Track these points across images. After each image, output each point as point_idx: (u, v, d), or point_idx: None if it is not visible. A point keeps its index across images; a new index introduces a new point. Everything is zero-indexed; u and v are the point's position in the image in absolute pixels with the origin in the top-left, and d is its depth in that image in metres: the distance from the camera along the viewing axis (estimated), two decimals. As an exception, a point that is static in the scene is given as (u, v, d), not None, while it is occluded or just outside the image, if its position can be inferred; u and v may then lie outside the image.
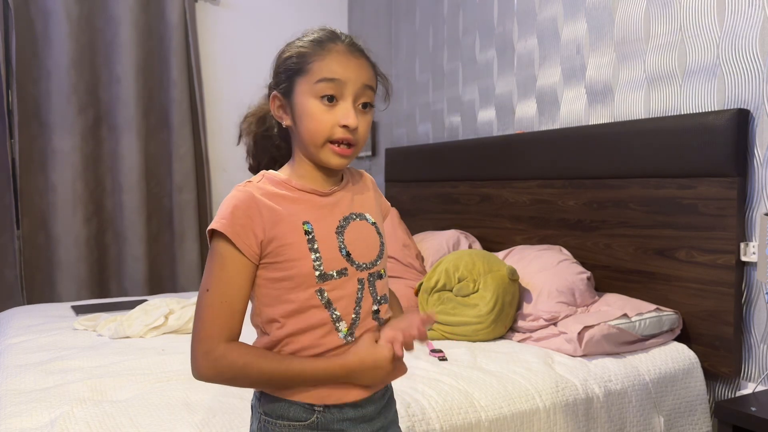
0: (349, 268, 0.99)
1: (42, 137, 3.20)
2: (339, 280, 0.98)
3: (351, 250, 0.99)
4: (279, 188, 0.98)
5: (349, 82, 0.96)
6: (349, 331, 0.98)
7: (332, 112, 0.96)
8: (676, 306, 2.00)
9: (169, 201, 3.55)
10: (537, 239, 2.51)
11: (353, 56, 0.98)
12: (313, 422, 0.97)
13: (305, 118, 0.96)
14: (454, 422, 1.50)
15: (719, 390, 1.97)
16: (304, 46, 0.98)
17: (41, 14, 3.16)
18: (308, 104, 0.96)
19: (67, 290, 3.22)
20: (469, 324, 2.03)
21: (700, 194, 1.92)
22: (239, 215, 0.93)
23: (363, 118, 0.98)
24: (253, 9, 3.81)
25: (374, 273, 1.02)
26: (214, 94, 3.69)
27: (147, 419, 1.38)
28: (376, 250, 1.04)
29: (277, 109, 1.02)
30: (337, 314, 0.97)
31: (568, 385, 1.70)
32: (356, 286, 1.00)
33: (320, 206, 1.00)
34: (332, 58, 0.96)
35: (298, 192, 0.99)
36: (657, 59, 2.12)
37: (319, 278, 0.96)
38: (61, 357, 1.86)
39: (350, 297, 0.99)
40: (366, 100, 0.98)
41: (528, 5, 2.68)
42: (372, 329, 1.02)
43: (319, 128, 0.96)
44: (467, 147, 2.91)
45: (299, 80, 0.97)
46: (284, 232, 0.95)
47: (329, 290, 0.97)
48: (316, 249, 0.96)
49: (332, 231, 0.99)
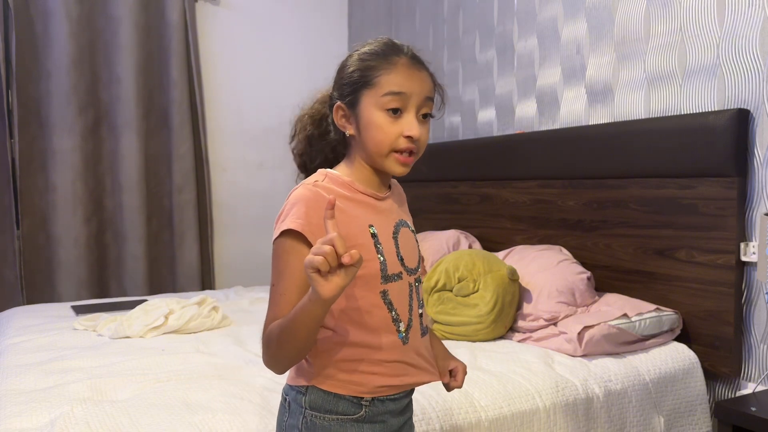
0: (403, 272, 1.04)
1: (42, 137, 3.20)
2: (397, 283, 1.03)
3: (403, 256, 1.05)
4: (342, 189, 1.02)
5: (413, 95, 1.00)
6: (406, 332, 1.03)
7: (397, 124, 1.00)
8: (676, 306, 2.00)
9: (169, 201, 3.55)
10: (537, 239, 2.51)
11: (416, 69, 1.03)
12: (362, 415, 1.01)
13: (372, 129, 1.01)
14: (454, 422, 1.50)
15: (719, 390, 1.97)
16: (369, 59, 1.02)
17: (41, 14, 3.16)
18: (375, 116, 1.00)
19: (67, 290, 3.22)
20: (469, 324, 2.03)
21: (700, 194, 1.92)
22: (312, 214, 0.96)
23: (424, 128, 1.03)
24: (253, 9, 3.81)
25: (417, 278, 1.09)
26: (214, 94, 3.69)
27: (147, 419, 1.38)
28: (417, 256, 1.10)
29: (340, 118, 1.05)
30: (396, 315, 1.03)
31: (568, 385, 1.70)
32: (407, 290, 1.05)
33: (379, 211, 1.05)
34: (398, 72, 1.00)
35: (360, 194, 1.04)
36: (657, 59, 2.12)
37: (384, 280, 1.01)
38: (61, 357, 1.86)
39: (405, 300, 1.04)
40: (427, 111, 1.03)
41: (528, 5, 2.68)
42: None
43: (385, 139, 1.00)
44: (467, 147, 2.91)
45: (365, 93, 1.01)
46: (355, 233, 0.99)
47: (390, 292, 1.02)
48: (381, 251, 1.01)
49: (390, 235, 1.04)
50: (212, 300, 2.38)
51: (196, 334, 2.18)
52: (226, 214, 3.75)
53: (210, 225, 3.63)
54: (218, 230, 3.72)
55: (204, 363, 1.81)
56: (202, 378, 1.66)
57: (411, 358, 1.05)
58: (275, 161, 3.85)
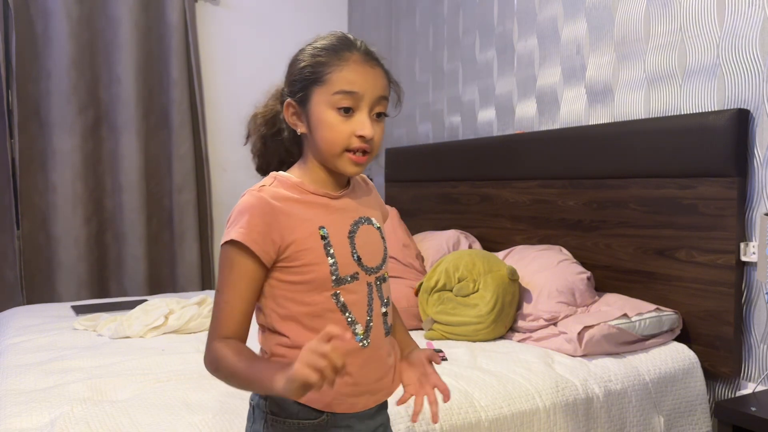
0: (360, 272, 1.01)
1: (42, 137, 3.20)
2: (352, 284, 0.99)
3: (361, 255, 1.01)
4: (292, 191, 0.99)
5: (366, 94, 0.96)
6: (364, 335, 1.00)
7: (349, 123, 0.96)
8: (676, 306, 2.00)
9: (169, 201, 3.55)
10: (537, 239, 2.51)
11: (369, 66, 0.98)
12: (323, 420, 0.98)
13: (322, 128, 0.97)
14: (454, 422, 1.50)
15: (719, 390, 1.97)
16: (320, 54, 0.97)
17: (41, 14, 3.16)
18: (325, 115, 0.96)
19: (67, 290, 3.22)
20: (469, 324, 2.03)
21: (700, 194, 1.92)
22: (256, 222, 0.94)
23: (378, 127, 0.99)
24: (253, 9, 3.81)
25: (380, 276, 1.05)
26: (214, 94, 3.69)
27: (147, 419, 1.38)
28: (381, 254, 1.06)
29: (291, 116, 1.01)
30: (352, 318, 0.99)
31: (568, 385, 1.70)
32: (366, 290, 1.02)
33: (333, 210, 1.01)
34: (350, 68, 0.96)
35: (312, 195, 1.00)
36: (657, 59, 2.12)
37: (335, 282, 0.98)
38: (61, 357, 1.86)
39: (362, 301, 1.01)
40: (381, 110, 0.99)
41: (528, 5, 2.68)
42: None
43: (336, 138, 0.96)
44: (467, 147, 2.91)
45: (316, 90, 0.97)
46: (302, 237, 0.96)
47: (344, 294, 0.98)
48: (332, 254, 0.97)
49: (345, 236, 1.00)
50: (212, 300, 2.38)
51: (196, 334, 2.18)
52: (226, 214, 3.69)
53: (210, 225, 3.63)
54: (218, 230, 3.72)
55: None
56: (202, 378, 1.66)
57: (368, 373, 1.01)
58: (275, 161, 3.84)
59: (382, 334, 1.04)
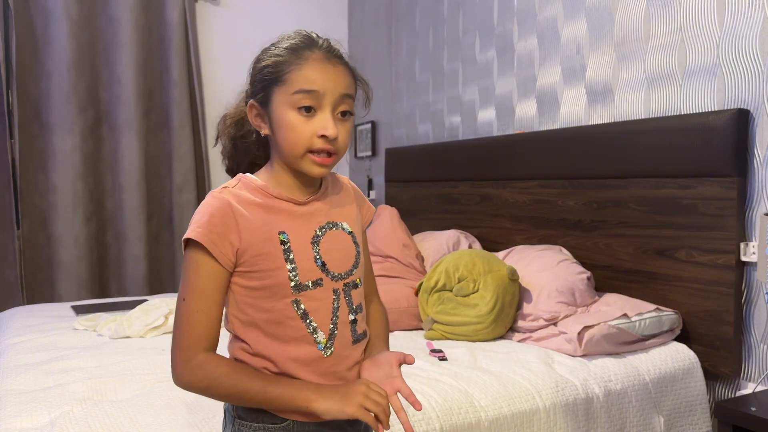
0: (324, 278, 0.98)
1: (42, 137, 3.21)
2: (314, 291, 0.97)
3: (326, 261, 0.99)
4: (255, 195, 0.97)
5: (327, 93, 0.93)
6: (327, 343, 0.98)
7: (311, 123, 0.94)
8: (676, 306, 2.00)
9: (169, 201, 3.55)
10: (537, 239, 2.51)
11: (330, 64, 0.95)
12: (289, 424, 0.97)
13: (284, 129, 0.94)
14: (454, 422, 1.50)
15: (719, 390, 1.97)
16: (280, 54, 0.95)
17: (41, 14, 3.16)
18: (286, 115, 0.94)
19: (67, 290, 3.22)
20: (469, 324, 2.03)
21: (700, 194, 1.92)
22: (215, 223, 0.92)
23: (342, 127, 0.96)
24: (253, 9, 3.81)
25: (349, 283, 1.02)
26: (214, 94, 3.69)
27: (147, 419, 1.38)
28: (351, 259, 1.03)
29: (254, 117, 1.00)
30: (313, 325, 0.97)
31: (568, 385, 1.70)
32: (332, 297, 0.99)
33: (297, 216, 0.98)
34: (309, 67, 0.93)
35: (275, 200, 0.98)
36: (657, 59, 2.12)
37: (295, 289, 0.95)
38: (60, 357, 1.86)
39: (326, 308, 0.98)
40: (345, 109, 0.96)
41: (528, 5, 2.68)
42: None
43: (298, 139, 0.94)
44: (467, 147, 2.91)
45: (276, 90, 0.95)
46: (260, 242, 0.94)
47: (305, 301, 0.96)
48: (291, 259, 0.95)
49: (308, 241, 0.98)
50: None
51: (196, 334, 2.18)
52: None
53: (210, 225, 3.63)
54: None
55: (204, 363, 1.81)
56: (202, 378, 1.65)
57: (331, 382, 0.98)
58: (275, 161, 3.85)
59: (349, 343, 1.01)
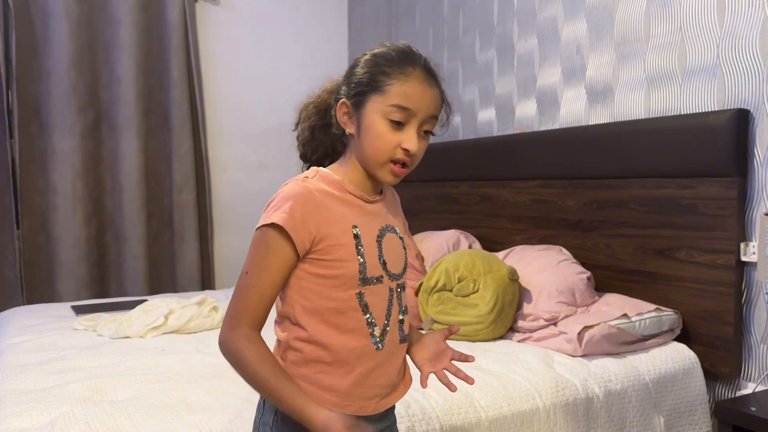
0: (384, 276, 1.03)
1: (42, 137, 3.20)
2: (376, 286, 1.02)
3: (386, 260, 1.04)
4: (332, 188, 1.02)
5: (419, 112, 0.99)
6: (381, 338, 1.03)
7: (397, 135, 0.99)
8: (676, 306, 2.00)
9: (169, 201, 3.55)
10: (537, 239, 2.51)
11: (428, 85, 1.00)
12: None
13: (371, 134, 0.99)
14: (454, 422, 1.50)
15: (719, 390, 1.97)
16: (384, 63, 1.00)
17: (41, 14, 3.16)
18: (377, 123, 0.98)
19: (67, 290, 3.22)
20: (469, 324, 2.03)
21: (700, 194, 1.92)
22: (297, 209, 0.95)
23: (423, 144, 1.01)
24: (253, 9, 3.81)
25: (401, 284, 1.08)
26: (214, 94, 3.69)
27: (147, 419, 1.38)
28: (402, 262, 1.09)
29: (342, 115, 1.03)
30: (372, 319, 1.02)
31: (568, 385, 1.70)
32: (388, 295, 1.04)
33: (366, 213, 1.04)
34: (410, 84, 0.98)
35: (349, 195, 1.03)
36: (657, 59, 2.12)
37: (361, 282, 1.00)
38: (60, 357, 1.86)
39: (383, 304, 1.03)
40: (428, 128, 1.01)
41: (528, 5, 2.68)
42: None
43: (384, 147, 0.99)
44: (467, 147, 2.91)
45: (373, 97, 0.99)
46: (337, 233, 0.98)
47: (367, 295, 1.01)
48: (362, 253, 1.00)
49: (374, 238, 1.03)
50: (212, 300, 2.38)
51: (196, 334, 2.18)
52: (226, 214, 3.75)
53: (210, 225, 3.63)
54: (218, 230, 3.72)
55: (204, 363, 1.81)
56: (202, 378, 1.66)
57: (379, 376, 1.03)
58: (275, 161, 3.85)
59: (397, 341, 1.06)
